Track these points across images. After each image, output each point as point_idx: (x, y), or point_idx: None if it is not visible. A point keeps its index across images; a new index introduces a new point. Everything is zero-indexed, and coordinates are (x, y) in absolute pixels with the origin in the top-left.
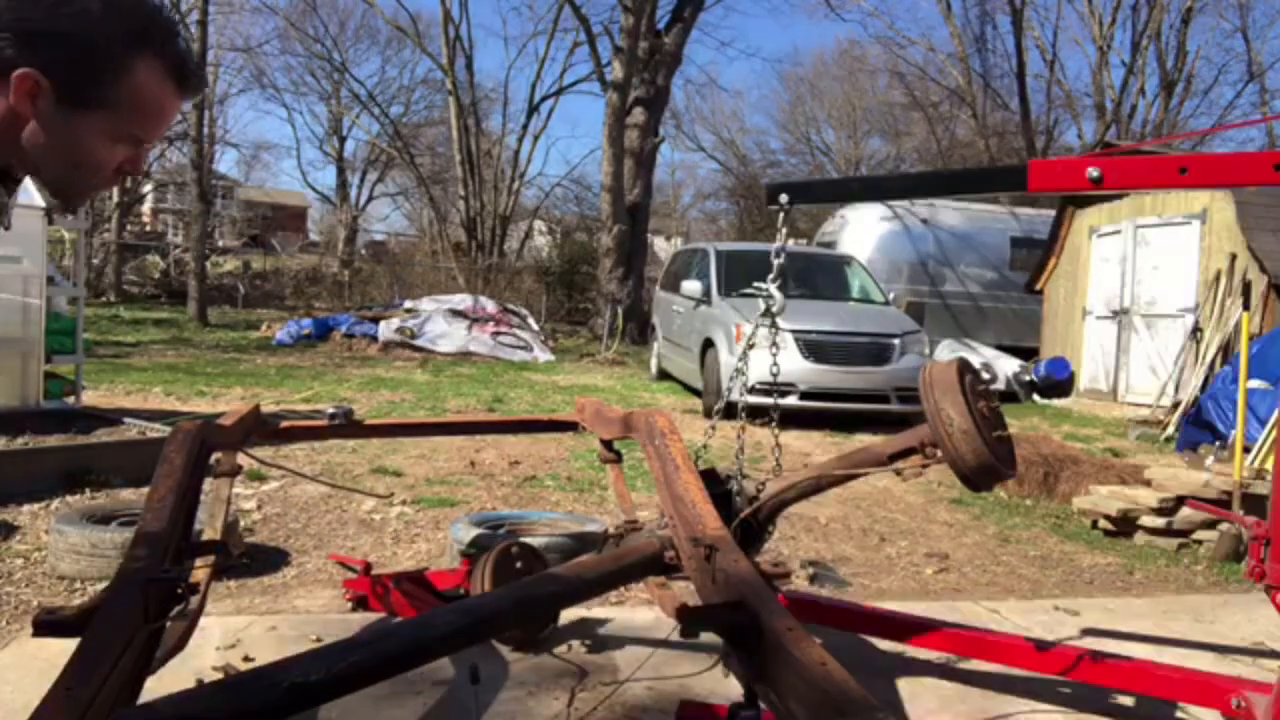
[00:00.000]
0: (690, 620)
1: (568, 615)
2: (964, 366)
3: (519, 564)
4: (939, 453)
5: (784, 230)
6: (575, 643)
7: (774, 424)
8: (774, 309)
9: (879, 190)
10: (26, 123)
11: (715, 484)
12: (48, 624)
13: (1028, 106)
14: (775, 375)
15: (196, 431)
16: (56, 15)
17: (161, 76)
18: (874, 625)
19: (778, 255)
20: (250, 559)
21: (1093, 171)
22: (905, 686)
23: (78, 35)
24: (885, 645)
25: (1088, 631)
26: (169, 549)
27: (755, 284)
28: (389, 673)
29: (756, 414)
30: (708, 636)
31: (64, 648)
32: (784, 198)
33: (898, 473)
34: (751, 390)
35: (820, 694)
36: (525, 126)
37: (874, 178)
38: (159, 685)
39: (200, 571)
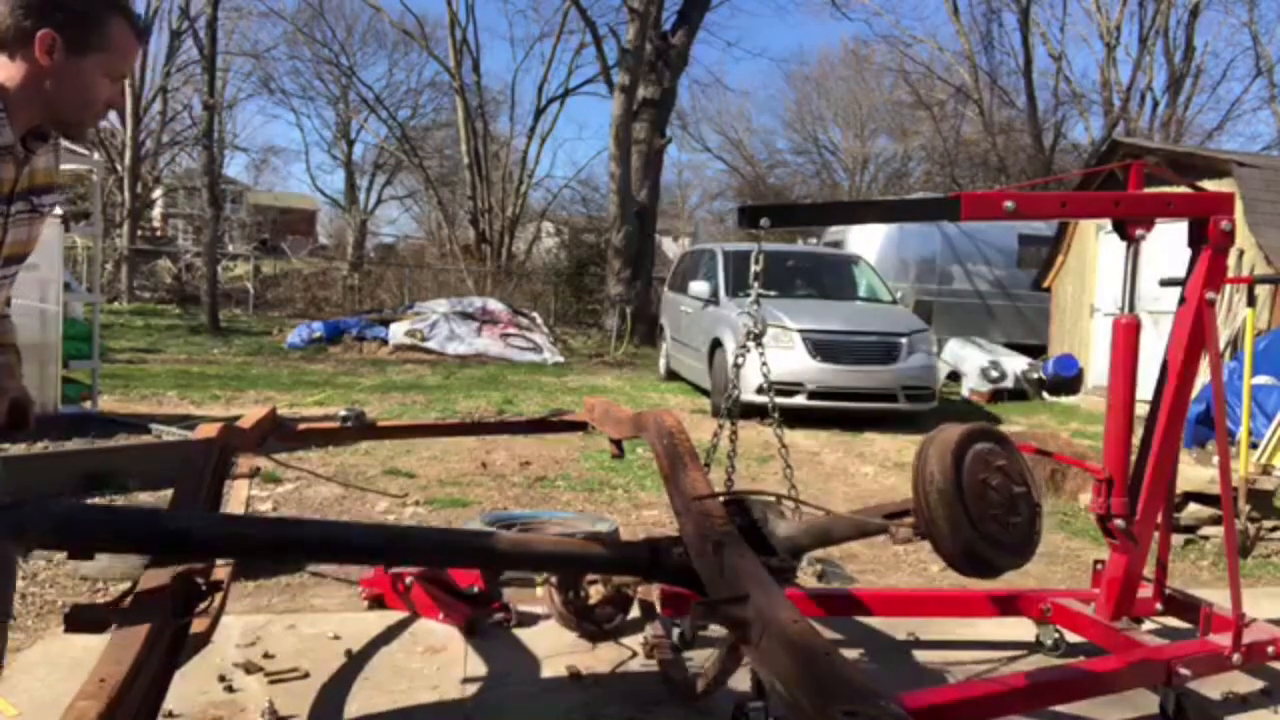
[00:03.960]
0: (700, 613)
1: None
2: (977, 432)
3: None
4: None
5: (759, 261)
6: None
7: (786, 456)
8: (756, 330)
9: (836, 216)
10: (47, 76)
11: (744, 515)
12: (81, 617)
13: (1035, 103)
14: (775, 412)
15: (219, 434)
16: None
17: (127, 27)
18: (872, 604)
19: (756, 279)
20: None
21: (1008, 204)
22: (910, 676)
23: (73, 2)
24: (891, 635)
25: None
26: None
27: (746, 303)
28: (280, 556)
29: (764, 416)
30: None
31: (88, 645)
32: (765, 221)
33: (891, 535)
34: (758, 394)
35: (824, 684)
36: (533, 128)
37: (832, 204)
38: (181, 680)
39: (221, 570)
